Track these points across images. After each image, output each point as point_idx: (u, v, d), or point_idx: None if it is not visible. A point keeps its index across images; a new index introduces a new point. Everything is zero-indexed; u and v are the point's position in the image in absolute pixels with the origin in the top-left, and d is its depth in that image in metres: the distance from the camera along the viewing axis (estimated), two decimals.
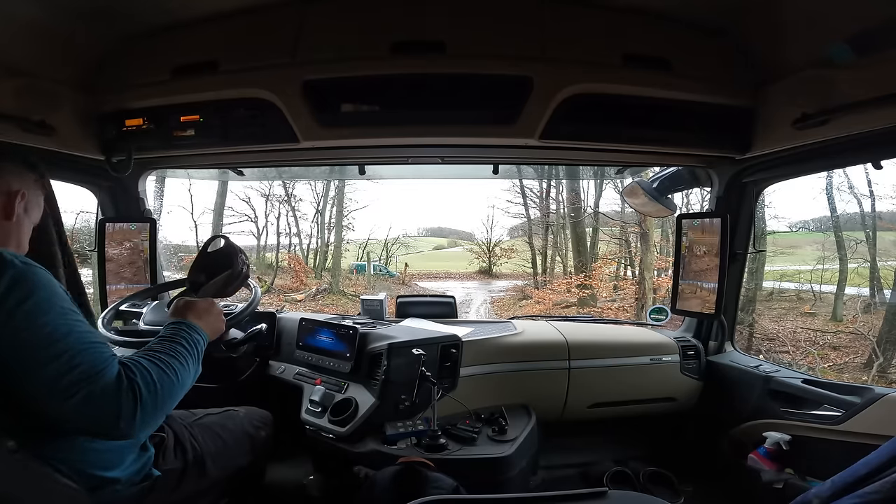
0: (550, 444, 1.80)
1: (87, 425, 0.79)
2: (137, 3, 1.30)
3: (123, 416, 0.78)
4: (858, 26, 1.04)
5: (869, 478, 0.82)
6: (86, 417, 0.77)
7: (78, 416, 0.76)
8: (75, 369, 0.76)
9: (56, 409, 0.76)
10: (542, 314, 6.87)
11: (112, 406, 0.77)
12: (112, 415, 0.77)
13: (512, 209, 13.05)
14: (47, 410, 0.77)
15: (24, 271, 0.79)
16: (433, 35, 1.29)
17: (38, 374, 0.75)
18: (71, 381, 0.75)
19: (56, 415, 0.77)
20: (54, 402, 0.75)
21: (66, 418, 0.77)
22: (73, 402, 0.75)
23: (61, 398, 0.75)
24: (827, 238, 8.33)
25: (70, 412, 0.75)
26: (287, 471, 1.70)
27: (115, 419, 0.77)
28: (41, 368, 0.75)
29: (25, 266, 0.80)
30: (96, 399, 0.76)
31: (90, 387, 0.76)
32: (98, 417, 0.77)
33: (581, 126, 1.36)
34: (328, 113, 1.34)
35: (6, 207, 0.92)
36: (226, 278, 1.21)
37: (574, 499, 0.73)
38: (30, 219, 0.98)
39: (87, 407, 0.76)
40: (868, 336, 6.71)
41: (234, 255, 1.22)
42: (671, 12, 1.33)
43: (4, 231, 0.92)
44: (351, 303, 10.73)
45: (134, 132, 1.44)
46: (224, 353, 1.55)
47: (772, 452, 1.55)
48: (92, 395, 0.76)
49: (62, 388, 0.75)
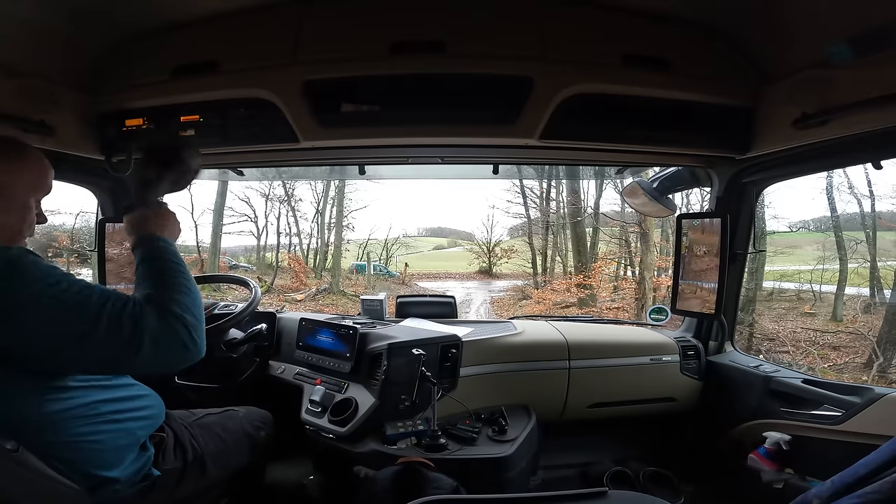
0: (550, 444, 1.80)
1: (164, 364, 0.85)
2: (137, 4, 1.30)
3: (186, 341, 0.85)
4: (858, 26, 1.04)
5: (869, 478, 0.82)
6: (160, 359, 0.83)
7: (154, 361, 0.83)
8: (126, 326, 0.80)
9: (129, 362, 0.81)
10: (542, 314, 6.89)
11: (174, 338, 0.84)
12: (179, 345, 0.84)
13: (512, 209, 13.07)
14: (123, 368, 0.85)
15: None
16: (433, 35, 1.28)
17: (93, 340, 0.78)
18: (131, 338, 0.80)
19: (133, 369, 0.84)
20: (127, 356, 0.80)
21: (145, 367, 0.84)
22: (144, 351, 0.80)
23: (134, 352, 0.80)
24: (827, 238, 8.34)
25: (146, 361, 0.81)
26: (287, 471, 1.70)
27: (183, 348, 0.85)
28: (93, 333, 0.78)
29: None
30: (160, 339, 0.82)
31: (143, 331, 0.80)
32: (169, 354, 0.84)
33: (581, 126, 1.36)
34: (328, 113, 1.34)
35: None
36: (177, 172, 1.09)
37: (574, 499, 0.73)
38: (12, 201, 0.88)
39: (155, 351, 0.81)
40: (868, 336, 6.71)
41: (182, 149, 1.11)
42: (671, 12, 1.32)
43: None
44: (351, 303, 10.73)
45: (134, 132, 1.44)
46: (224, 353, 1.56)
47: (772, 452, 1.55)
48: (155, 337, 0.81)
49: (125, 343, 0.79)
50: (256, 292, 1.64)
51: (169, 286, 0.90)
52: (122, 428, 0.95)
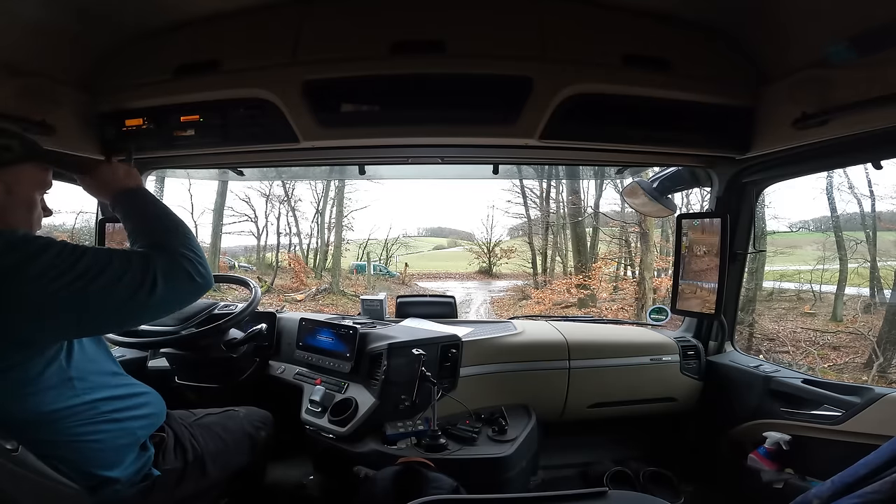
0: (550, 444, 1.80)
1: (177, 301, 0.93)
2: (137, 4, 1.30)
3: (193, 273, 0.91)
4: (858, 26, 1.04)
5: (869, 478, 0.82)
6: (173, 293, 0.89)
7: (168, 299, 0.89)
8: (137, 268, 0.85)
9: (143, 304, 0.85)
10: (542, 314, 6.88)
11: (181, 271, 0.90)
12: (188, 278, 0.90)
13: (512, 209, 13.08)
14: (139, 314, 0.88)
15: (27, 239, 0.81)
16: (433, 35, 1.28)
17: (118, 291, 0.82)
18: (143, 278, 0.84)
19: (148, 311, 0.88)
20: (140, 298, 0.84)
21: (160, 306, 0.89)
22: (158, 290, 0.85)
23: (148, 293, 0.84)
24: (827, 238, 8.34)
25: (161, 299, 0.86)
26: (287, 471, 1.70)
27: (191, 280, 0.91)
28: (118, 284, 0.82)
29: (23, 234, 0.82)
30: (170, 277, 0.88)
31: (156, 271, 0.86)
32: (180, 287, 0.90)
33: (581, 126, 1.36)
34: (328, 113, 1.34)
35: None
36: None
37: (574, 499, 0.73)
38: (12, 204, 0.90)
39: (168, 288, 0.87)
40: (868, 336, 6.72)
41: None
42: (671, 12, 1.32)
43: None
44: (351, 303, 10.74)
45: (134, 132, 1.44)
46: (224, 353, 1.56)
47: (772, 452, 1.55)
48: (165, 275, 0.87)
49: (139, 284, 0.84)
50: (256, 292, 1.64)
51: (162, 230, 0.96)
52: (122, 427, 0.95)
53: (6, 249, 0.77)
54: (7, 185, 0.88)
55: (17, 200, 0.90)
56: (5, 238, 0.79)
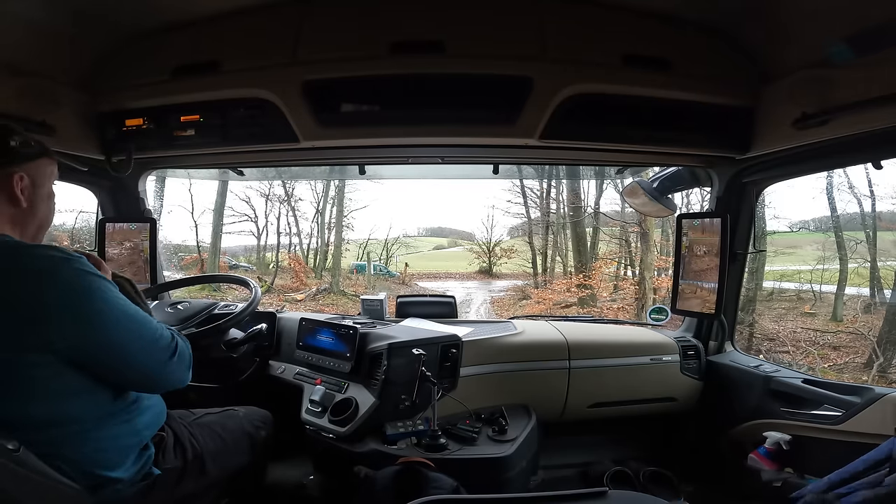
0: (550, 444, 1.80)
1: (177, 379, 1.00)
2: (138, 4, 1.30)
3: (189, 364, 1.03)
4: (858, 26, 1.04)
5: (865, 474, 0.82)
6: (177, 371, 0.99)
7: (174, 371, 0.98)
8: (164, 332, 0.97)
9: (160, 369, 0.96)
10: (542, 314, 6.87)
11: (187, 358, 1.02)
12: (187, 366, 1.02)
13: (512, 209, 13.05)
14: (155, 377, 0.97)
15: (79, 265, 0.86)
16: (433, 35, 1.29)
17: (154, 347, 0.94)
18: (168, 343, 0.96)
19: (160, 378, 0.98)
20: (160, 360, 0.95)
21: (167, 379, 0.98)
22: (174, 359, 0.97)
23: (167, 356, 0.96)
24: (827, 238, 8.32)
25: (173, 368, 0.97)
26: (287, 471, 1.69)
27: (188, 369, 1.02)
28: (155, 342, 0.94)
29: (75, 259, 0.86)
30: (183, 352, 1.00)
31: (177, 343, 0.99)
32: (183, 369, 1.01)
33: (581, 126, 1.36)
34: (328, 113, 1.34)
35: (10, 196, 0.89)
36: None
37: (574, 499, 0.73)
38: (41, 196, 0.95)
39: (180, 362, 0.99)
40: (868, 336, 6.70)
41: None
42: (671, 12, 1.33)
43: (21, 220, 0.91)
44: (351, 303, 10.72)
45: (134, 132, 1.44)
46: (224, 352, 1.55)
47: (772, 452, 1.55)
48: (181, 350, 0.99)
49: (165, 347, 0.96)
50: (256, 292, 1.64)
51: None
52: (127, 428, 0.95)
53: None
54: (33, 179, 0.93)
55: (43, 192, 0.97)
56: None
